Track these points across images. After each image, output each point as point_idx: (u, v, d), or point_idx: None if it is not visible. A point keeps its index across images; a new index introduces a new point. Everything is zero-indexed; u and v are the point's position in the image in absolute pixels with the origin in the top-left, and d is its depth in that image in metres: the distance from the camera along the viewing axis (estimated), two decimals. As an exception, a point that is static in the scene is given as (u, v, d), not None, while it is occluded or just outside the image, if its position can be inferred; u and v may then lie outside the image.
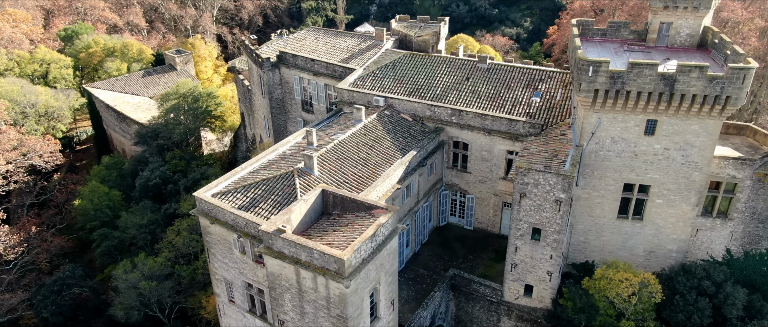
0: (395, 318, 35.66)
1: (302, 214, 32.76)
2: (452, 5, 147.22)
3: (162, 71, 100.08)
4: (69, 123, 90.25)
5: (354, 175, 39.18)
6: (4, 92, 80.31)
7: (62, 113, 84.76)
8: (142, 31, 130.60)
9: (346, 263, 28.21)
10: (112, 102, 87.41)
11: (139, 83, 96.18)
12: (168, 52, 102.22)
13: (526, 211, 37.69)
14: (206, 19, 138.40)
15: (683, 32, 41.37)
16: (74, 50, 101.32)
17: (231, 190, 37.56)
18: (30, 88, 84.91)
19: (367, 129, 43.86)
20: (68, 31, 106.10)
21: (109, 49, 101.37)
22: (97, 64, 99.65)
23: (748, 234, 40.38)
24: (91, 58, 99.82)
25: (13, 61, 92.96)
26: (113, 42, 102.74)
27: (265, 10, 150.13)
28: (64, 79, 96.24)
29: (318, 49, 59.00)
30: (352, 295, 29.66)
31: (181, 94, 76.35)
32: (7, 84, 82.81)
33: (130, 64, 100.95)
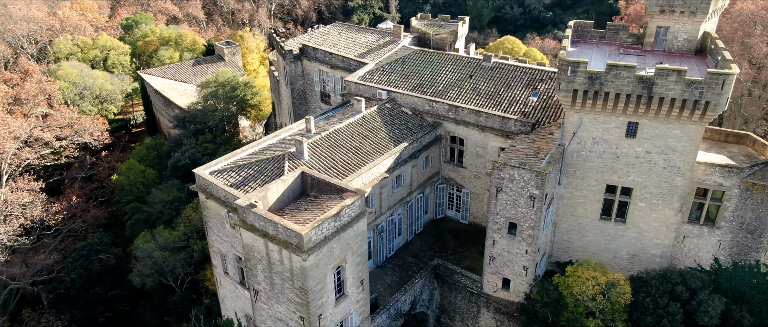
0: (366, 298, 37.61)
1: (279, 193, 35.23)
2: (506, 7, 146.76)
3: (211, 61, 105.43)
4: (121, 106, 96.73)
5: (343, 162, 41.36)
6: (65, 74, 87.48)
7: (114, 96, 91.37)
8: (201, 23, 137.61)
9: (304, 238, 30.45)
10: (161, 87, 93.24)
11: (188, 71, 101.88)
12: (218, 43, 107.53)
13: (503, 205, 38.73)
14: (262, 14, 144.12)
15: (681, 37, 41.10)
16: (133, 39, 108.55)
17: (227, 169, 40.54)
18: (88, 71, 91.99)
19: (365, 120, 45.91)
20: (129, 20, 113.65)
21: (165, 39, 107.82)
22: (153, 52, 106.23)
23: (737, 244, 39.71)
24: (148, 46, 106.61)
25: (77, 47, 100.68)
26: (169, 32, 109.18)
27: (320, 6, 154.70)
28: (122, 65, 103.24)
29: (339, 43, 61.51)
30: (313, 269, 31.87)
31: (220, 83, 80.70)
32: (68, 67, 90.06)
33: (182, 53, 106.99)
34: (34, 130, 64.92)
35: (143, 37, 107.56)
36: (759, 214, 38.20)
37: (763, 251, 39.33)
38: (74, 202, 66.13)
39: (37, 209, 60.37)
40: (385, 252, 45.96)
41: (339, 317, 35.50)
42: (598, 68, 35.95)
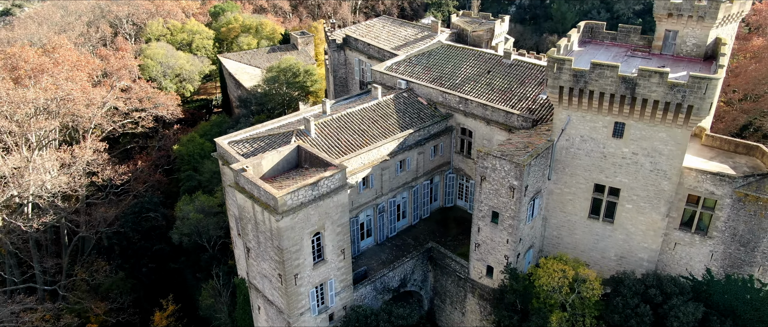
0: (348, 267, 40.65)
1: (274, 163, 39.08)
2: (593, 12, 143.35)
3: (285, 49, 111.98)
4: (198, 85, 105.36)
5: (347, 142, 44.58)
6: (152, 53, 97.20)
7: (192, 76, 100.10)
8: (287, 14, 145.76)
9: (279, 201, 34.04)
10: (234, 71, 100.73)
11: (263, 58, 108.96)
12: (293, 33, 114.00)
13: (486, 194, 40.31)
14: (344, 8, 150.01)
15: (689, 42, 40.59)
16: (218, 25, 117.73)
17: (244, 140, 44.98)
18: (173, 52, 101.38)
19: (378, 106, 48.81)
20: (217, 8, 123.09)
21: (246, 26, 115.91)
22: (234, 38, 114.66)
23: (729, 256, 38.77)
24: (230, 33, 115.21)
25: (167, 29, 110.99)
26: (251, 20, 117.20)
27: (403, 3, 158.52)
28: (205, 48, 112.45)
29: (380, 35, 64.65)
30: (288, 231, 35.39)
31: (282, 69, 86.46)
32: (156, 47, 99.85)
33: (259, 41, 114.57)
34: (114, 100, 73.17)
35: (227, 24, 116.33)
36: (752, 226, 37.19)
37: (757, 266, 38.16)
38: (140, 166, 74.07)
39: (107, 170, 68.52)
40: (386, 231, 48.64)
41: (317, 280, 38.82)
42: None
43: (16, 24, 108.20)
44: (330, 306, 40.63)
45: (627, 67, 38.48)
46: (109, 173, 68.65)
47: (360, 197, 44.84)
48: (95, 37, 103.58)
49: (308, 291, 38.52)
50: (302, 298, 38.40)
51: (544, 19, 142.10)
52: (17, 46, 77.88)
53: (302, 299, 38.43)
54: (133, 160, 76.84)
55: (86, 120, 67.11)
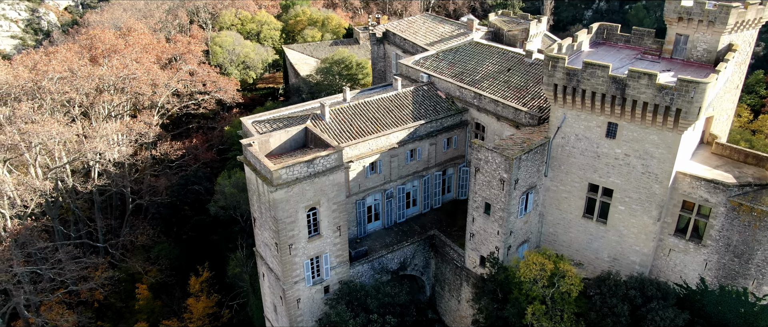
0: (344, 243, 43.24)
1: (281, 141, 42.34)
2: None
3: (347, 43, 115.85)
4: (261, 73, 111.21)
5: (359, 128, 47.18)
6: (221, 41, 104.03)
7: (256, 65, 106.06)
8: (358, 11, 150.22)
9: (274, 174, 37.20)
10: (295, 61, 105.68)
11: (325, 50, 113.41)
12: (356, 28, 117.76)
13: (480, 185, 41.60)
14: (414, 6, 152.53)
15: (700, 47, 40.02)
16: (286, 17, 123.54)
17: (266, 120, 48.63)
18: (240, 41, 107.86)
19: (396, 97, 51.02)
20: (288, 1, 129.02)
21: (313, 20, 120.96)
22: (300, 30, 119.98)
23: (723, 266, 38.01)
24: (297, 25, 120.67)
25: (238, 19, 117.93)
26: (318, 14, 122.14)
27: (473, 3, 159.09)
28: (272, 38, 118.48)
29: (418, 31, 66.70)
30: (283, 203, 38.47)
31: (335, 61, 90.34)
32: (225, 35, 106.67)
33: (324, 34, 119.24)
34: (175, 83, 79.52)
35: (295, 17, 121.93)
36: (746, 237, 36.41)
37: (751, 279, 37.24)
38: (195, 144, 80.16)
39: (165, 145, 74.91)
40: (395, 217, 50.78)
41: (312, 252, 41.70)
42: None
43: (106, 9, 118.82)
44: (325, 279, 43.43)
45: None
46: (166, 148, 74.96)
47: (367, 181, 47.27)
48: (173, 24, 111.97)
49: (303, 261, 41.48)
50: (297, 268, 41.43)
51: (622, 25, 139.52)
52: (98, 29, 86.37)
53: (297, 269, 41.46)
54: (191, 138, 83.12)
55: (146, 98, 73.51)
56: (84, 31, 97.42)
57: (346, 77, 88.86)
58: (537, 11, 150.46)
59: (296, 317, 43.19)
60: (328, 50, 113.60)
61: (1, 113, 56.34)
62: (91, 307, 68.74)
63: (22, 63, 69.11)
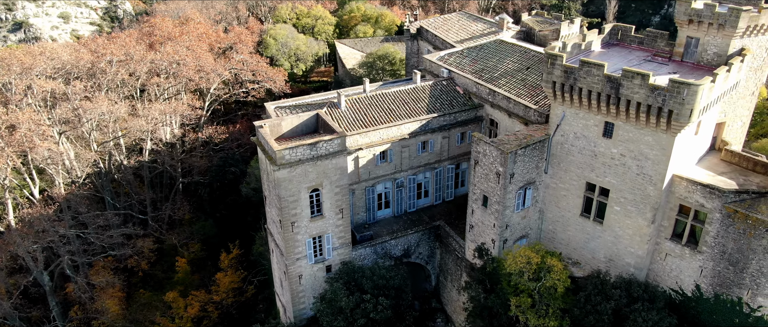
0: (346, 225, 45.27)
1: (292, 125, 44.88)
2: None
3: (398, 40, 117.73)
4: (311, 65, 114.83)
5: (372, 117, 49.10)
6: (275, 33, 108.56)
7: (306, 57, 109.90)
8: (414, 9, 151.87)
9: (277, 154, 39.74)
10: (344, 55, 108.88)
11: (375, 46, 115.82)
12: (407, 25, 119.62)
13: (479, 178, 42.57)
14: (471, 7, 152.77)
15: (710, 50, 39.35)
16: (341, 13, 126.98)
17: (288, 106, 51.41)
18: (294, 34, 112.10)
19: (414, 90, 52.56)
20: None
21: (366, 16, 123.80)
22: (353, 26, 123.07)
23: (718, 274, 37.32)
24: (350, 21, 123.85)
25: (294, 13, 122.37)
26: (372, 11, 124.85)
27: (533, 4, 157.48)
28: (325, 33, 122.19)
29: (451, 29, 67.85)
30: (285, 182, 40.96)
31: (379, 56, 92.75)
32: (279, 28, 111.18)
33: (376, 31, 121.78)
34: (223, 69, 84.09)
35: (349, 13, 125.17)
36: (741, 245, 35.69)
37: (746, 288, 36.43)
38: (239, 129, 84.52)
39: (210, 129, 79.61)
40: (405, 206, 52.34)
41: (314, 232, 43.99)
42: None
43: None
44: (327, 258, 45.64)
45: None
46: (210, 132, 79.65)
47: (377, 169, 49.10)
48: (232, 15, 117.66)
49: (305, 240, 43.86)
50: (299, 245, 43.86)
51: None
52: (159, 18, 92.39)
53: (299, 246, 43.89)
54: (235, 124, 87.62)
55: (194, 83, 78.27)
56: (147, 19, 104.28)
57: (389, 72, 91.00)
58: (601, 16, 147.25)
59: (298, 292, 45.66)
60: (378, 46, 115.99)
61: (58, 89, 61.96)
62: (136, 275, 74.18)
63: (86, 46, 75.31)
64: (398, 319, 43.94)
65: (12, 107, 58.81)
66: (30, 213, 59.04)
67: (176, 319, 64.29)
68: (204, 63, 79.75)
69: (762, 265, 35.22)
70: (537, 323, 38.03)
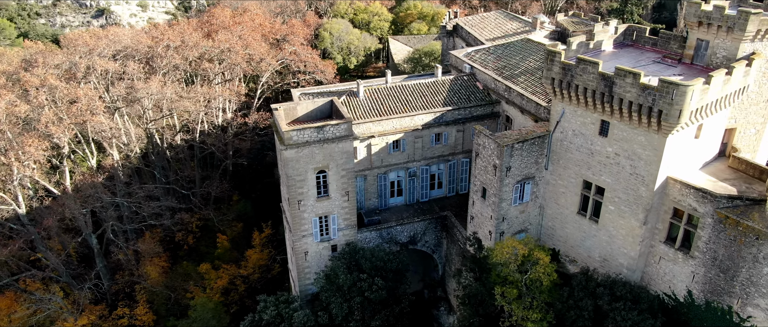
0: (352, 208, 47.38)
1: (307, 110, 47.46)
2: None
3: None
4: (362, 59, 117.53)
5: (387, 107, 50.98)
6: (330, 27, 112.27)
7: (358, 51, 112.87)
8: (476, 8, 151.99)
9: (285, 135, 42.43)
10: (395, 51, 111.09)
11: (426, 42, 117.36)
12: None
13: (479, 169, 43.58)
14: (534, 8, 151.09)
15: (719, 54, 38.63)
16: (398, 10, 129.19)
17: (313, 93, 54.25)
18: (348, 28, 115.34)
19: (434, 84, 53.98)
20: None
21: (423, 14, 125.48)
22: (408, 23, 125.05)
23: (710, 281, 36.72)
24: (406, 18, 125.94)
25: (352, 9, 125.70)
26: (428, 9, 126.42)
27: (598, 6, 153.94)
28: (380, 29, 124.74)
29: (486, 27, 68.51)
30: (293, 161, 43.57)
31: (424, 52, 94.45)
32: (335, 22, 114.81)
33: (430, 28, 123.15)
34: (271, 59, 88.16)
35: (405, 10, 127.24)
36: (731, 252, 35.06)
37: (736, 297, 35.69)
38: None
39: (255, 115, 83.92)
40: (418, 195, 53.84)
41: (320, 211, 46.39)
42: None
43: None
44: (333, 238, 47.94)
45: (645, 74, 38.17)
46: (256, 117, 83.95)
47: (390, 157, 50.92)
48: (292, 9, 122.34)
49: (311, 218, 46.35)
50: (305, 223, 46.41)
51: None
52: (219, 8, 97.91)
53: (305, 224, 46.44)
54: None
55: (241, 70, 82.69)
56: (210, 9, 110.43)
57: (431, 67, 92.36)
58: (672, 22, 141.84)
59: (303, 268, 48.27)
60: (428, 43, 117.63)
61: (116, 69, 67.63)
62: (182, 248, 79.45)
63: (147, 32, 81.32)
64: (395, 302, 45.60)
65: (73, 83, 64.78)
66: (82, 180, 64.87)
67: (207, 289, 68.57)
68: (253, 51, 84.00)
69: (752, 274, 34.48)
70: (521, 314, 38.71)
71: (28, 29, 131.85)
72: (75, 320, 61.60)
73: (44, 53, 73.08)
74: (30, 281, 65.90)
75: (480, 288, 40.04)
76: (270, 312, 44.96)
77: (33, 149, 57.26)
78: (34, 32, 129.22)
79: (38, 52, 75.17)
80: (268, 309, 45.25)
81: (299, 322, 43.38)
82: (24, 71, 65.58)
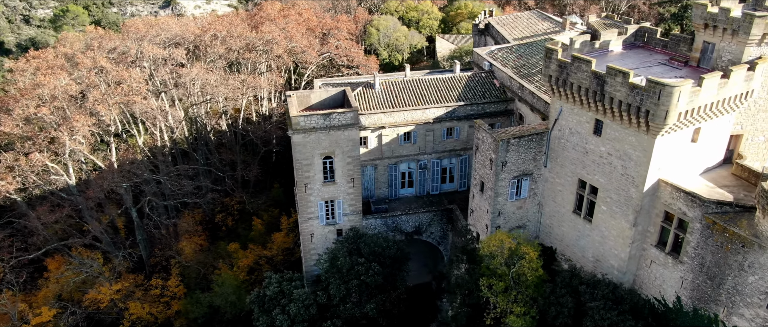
0: (357, 194, 49.12)
1: (320, 98, 49.60)
2: None
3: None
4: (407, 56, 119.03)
5: (400, 99, 52.41)
6: (378, 24, 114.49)
7: (403, 48, 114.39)
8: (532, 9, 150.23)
9: (293, 120, 44.71)
10: (439, 48, 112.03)
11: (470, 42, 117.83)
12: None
13: (478, 163, 44.30)
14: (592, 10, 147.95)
15: (725, 57, 37.79)
16: (448, 9, 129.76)
17: (333, 83, 56.37)
18: (396, 26, 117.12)
19: (450, 79, 54.93)
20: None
21: (473, 14, 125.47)
22: (457, 22, 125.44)
23: (697, 287, 36.10)
24: (455, 17, 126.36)
25: (402, 6, 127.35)
26: (479, 9, 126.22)
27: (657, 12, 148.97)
28: (429, 27, 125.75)
29: (517, 26, 68.57)
30: (300, 145, 45.80)
31: (465, 51, 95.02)
32: (383, 19, 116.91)
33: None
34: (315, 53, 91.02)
35: (455, 9, 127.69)
36: (718, 259, 34.42)
37: (722, 306, 34.98)
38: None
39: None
40: (428, 188, 54.93)
41: (326, 195, 48.40)
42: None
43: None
44: (338, 222, 49.86)
45: (647, 75, 37.90)
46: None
47: (401, 148, 52.31)
48: (343, 5, 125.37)
49: (317, 201, 48.45)
50: (311, 206, 48.57)
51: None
52: (269, 2, 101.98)
53: (311, 207, 48.60)
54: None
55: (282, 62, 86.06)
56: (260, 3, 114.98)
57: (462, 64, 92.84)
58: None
59: (309, 250, 50.47)
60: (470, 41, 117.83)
61: (162, 55, 72.26)
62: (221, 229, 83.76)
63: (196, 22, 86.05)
64: (392, 288, 47.01)
65: (123, 67, 69.78)
66: (124, 156, 69.82)
67: (234, 267, 72.18)
68: (296, 43, 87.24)
69: (737, 283, 33.75)
70: (504, 307, 39.30)
71: (101, 17, 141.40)
72: (110, 285, 66.48)
73: (102, 38, 78.86)
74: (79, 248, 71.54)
75: (467, 278, 40.85)
76: (273, 288, 47.38)
77: (80, 125, 62.25)
78: (106, 20, 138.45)
79: (98, 37, 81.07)
80: (272, 285, 47.70)
81: (297, 299, 45.54)
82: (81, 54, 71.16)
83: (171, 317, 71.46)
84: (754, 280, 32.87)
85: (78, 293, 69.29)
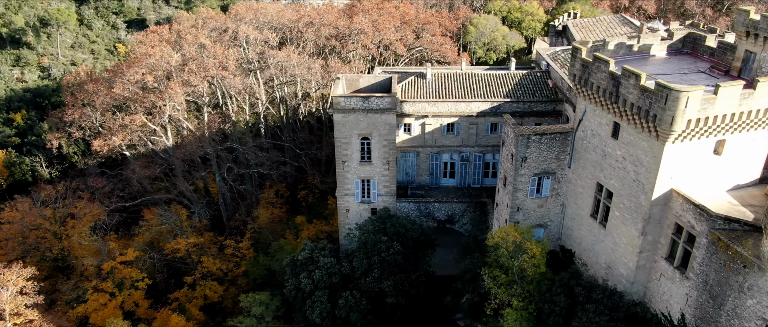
0: (392, 176, 51.38)
1: (368, 83, 52.49)
2: None
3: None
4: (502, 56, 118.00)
5: (448, 90, 53.85)
6: (477, 22, 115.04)
7: (500, 48, 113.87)
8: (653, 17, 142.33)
9: (334, 100, 48.02)
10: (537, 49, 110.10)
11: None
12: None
13: (503, 157, 44.80)
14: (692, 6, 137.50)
15: (765, 67, 35.46)
16: (555, 12, 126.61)
17: (390, 71, 58.92)
18: (496, 25, 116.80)
19: (504, 76, 55.39)
20: None
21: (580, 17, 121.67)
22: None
23: (700, 306, 34.45)
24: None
25: (505, 7, 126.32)
26: (588, 13, 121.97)
27: None
28: (533, 29, 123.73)
29: (593, 30, 66.78)
30: (339, 125, 48.99)
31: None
32: (483, 18, 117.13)
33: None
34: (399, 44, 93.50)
35: (562, 12, 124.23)
36: (721, 278, 32.76)
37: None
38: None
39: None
40: (470, 180, 55.73)
41: (363, 175, 51.18)
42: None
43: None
44: (373, 201, 52.47)
45: (680, 81, 36.67)
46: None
47: (443, 139, 53.73)
48: (446, 2, 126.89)
49: (353, 179, 51.39)
50: (348, 183, 51.62)
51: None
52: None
53: (348, 184, 51.65)
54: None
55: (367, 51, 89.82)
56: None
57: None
58: None
59: (344, 224, 53.61)
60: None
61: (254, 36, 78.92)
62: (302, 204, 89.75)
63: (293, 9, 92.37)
64: (413, 269, 48.85)
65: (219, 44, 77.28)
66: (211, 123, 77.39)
67: (298, 237, 77.44)
68: (384, 35, 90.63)
69: (737, 305, 31.98)
70: (502, 299, 39.81)
71: (230, 1, 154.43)
72: (187, 238, 74.33)
73: (208, 18, 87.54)
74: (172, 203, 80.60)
75: (468, 264, 41.77)
76: (305, 254, 51.12)
77: (175, 93, 70.22)
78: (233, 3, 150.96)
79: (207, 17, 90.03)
80: (305, 251, 51.44)
81: (323, 266, 48.85)
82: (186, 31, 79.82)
83: (239, 276, 78.41)
84: (753, 303, 31.01)
85: (163, 242, 78.27)
